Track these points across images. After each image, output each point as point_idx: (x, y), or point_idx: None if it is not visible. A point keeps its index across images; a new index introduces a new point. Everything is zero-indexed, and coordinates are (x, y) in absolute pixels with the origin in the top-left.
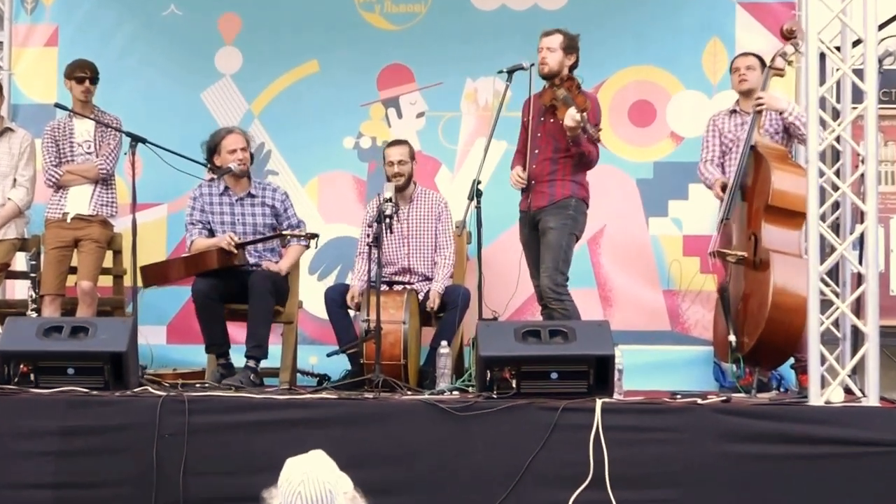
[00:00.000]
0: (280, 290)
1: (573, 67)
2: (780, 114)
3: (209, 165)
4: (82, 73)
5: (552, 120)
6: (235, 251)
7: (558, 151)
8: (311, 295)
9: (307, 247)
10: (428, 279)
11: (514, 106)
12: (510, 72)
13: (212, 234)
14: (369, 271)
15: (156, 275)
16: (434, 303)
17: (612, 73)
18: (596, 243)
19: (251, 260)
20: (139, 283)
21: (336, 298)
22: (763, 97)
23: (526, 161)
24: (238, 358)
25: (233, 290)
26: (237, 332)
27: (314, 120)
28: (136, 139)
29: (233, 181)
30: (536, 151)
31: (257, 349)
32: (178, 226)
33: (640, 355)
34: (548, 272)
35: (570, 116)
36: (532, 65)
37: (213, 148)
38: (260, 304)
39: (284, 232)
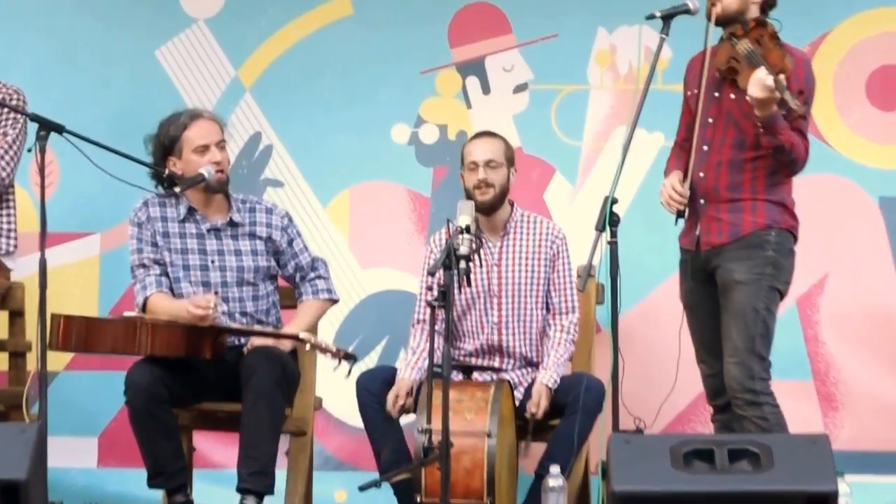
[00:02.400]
0: (288, 378)
1: (767, 6)
2: None
3: (161, 172)
4: None
5: (732, 95)
6: (214, 329)
7: (744, 148)
8: (335, 387)
9: (332, 301)
10: (531, 364)
11: (676, 74)
12: (667, 17)
13: (171, 289)
14: (432, 349)
15: (79, 334)
16: (539, 404)
17: (835, 23)
18: (811, 305)
19: (234, 325)
20: (52, 350)
21: (377, 393)
22: None
23: (688, 164)
24: (225, 490)
25: (205, 381)
26: (217, 445)
27: (343, 96)
28: (48, 127)
29: (202, 198)
30: (706, 148)
31: (258, 478)
32: (119, 270)
33: (883, 492)
34: (737, 356)
35: (758, 81)
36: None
37: (167, 144)
38: (260, 406)
39: (302, 336)
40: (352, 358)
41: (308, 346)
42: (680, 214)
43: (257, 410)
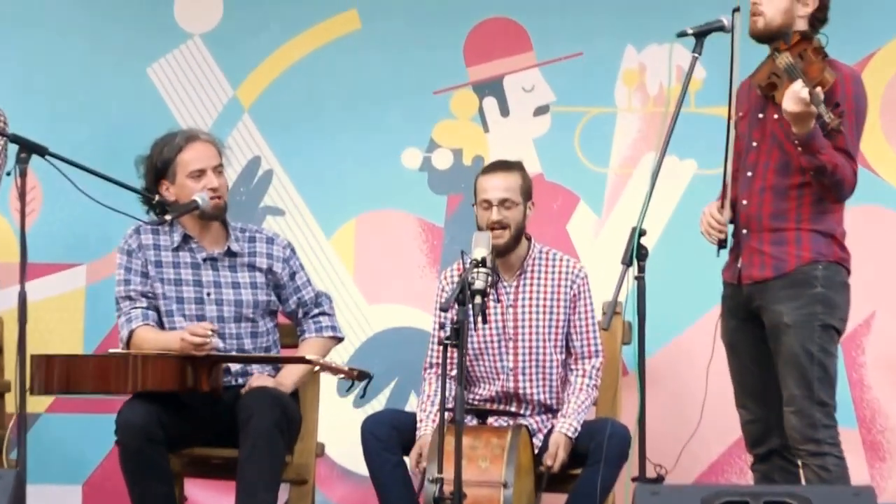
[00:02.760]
0: (289, 421)
1: (818, 21)
2: None
3: (152, 198)
4: None
5: (776, 115)
6: (211, 359)
7: (789, 173)
8: (339, 432)
9: (337, 340)
10: (550, 410)
11: (709, 96)
12: (700, 34)
13: (161, 323)
14: (443, 391)
15: (61, 375)
16: (556, 456)
17: (885, 41)
18: (856, 346)
19: (231, 364)
20: (33, 394)
21: (383, 438)
22: None
23: (726, 190)
24: None
25: (200, 422)
26: (211, 494)
27: (350, 118)
28: (29, 148)
29: (197, 227)
30: (750, 174)
31: None
32: (107, 303)
33: None
34: (795, 405)
35: (792, 94)
36: (735, 11)
37: (160, 167)
38: (259, 451)
39: (310, 358)
40: (366, 376)
41: (317, 368)
42: (721, 245)
43: (255, 456)
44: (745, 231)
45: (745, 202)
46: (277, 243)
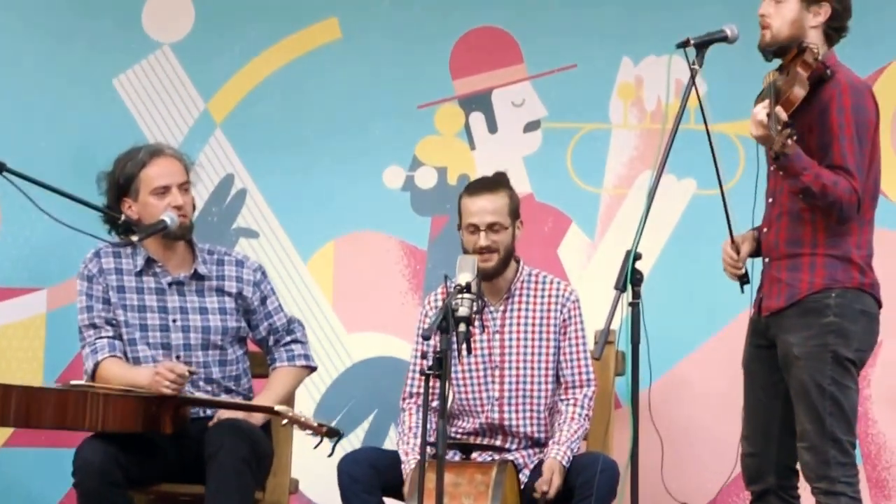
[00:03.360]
0: (260, 456)
1: (834, 31)
2: None
3: (118, 218)
4: None
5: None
6: (177, 400)
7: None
8: (314, 468)
9: (310, 369)
10: (538, 444)
11: (713, 112)
12: (702, 45)
13: (124, 352)
14: (424, 425)
15: (18, 407)
16: (551, 483)
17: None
18: (861, 378)
19: (198, 394)
20: None
21: (361, 479)
22: None
23: (729, 223)
24: None
25: (166, 457)
26: None
27: (329, 134)
28: None
29: (161, 249)
30: (770, 200)
31: None
32: (68, 330)
33: None
34: (807, 440)
35: (752, 117)
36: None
37: (122, 184)
38: (226, 488)
39: (278, 409)
40: (336, 434)
41: (284, 421)
42: (743, 280)
43: (222, 493)
44: (766, 260)
45: (765, 230)
46: (248, 266)
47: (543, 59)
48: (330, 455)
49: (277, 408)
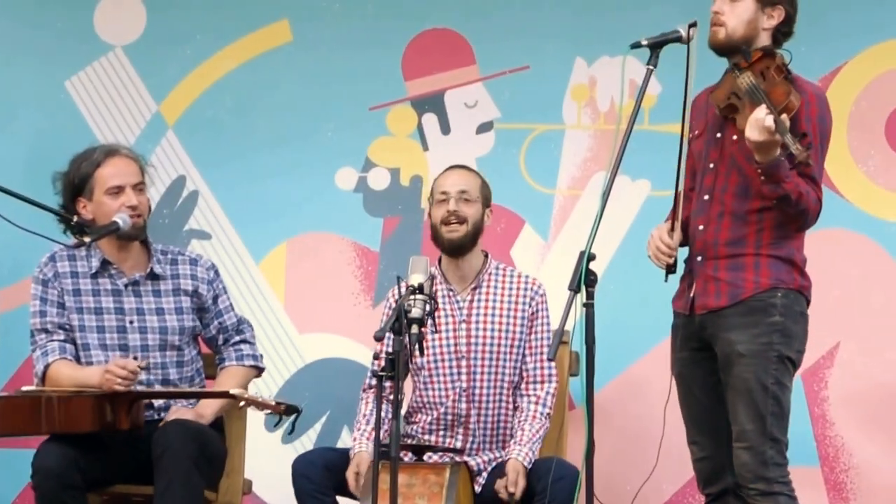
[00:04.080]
0: (210, 456)
1: (783, 35)
2: None
3: (70, 219)
4: None
5: (735, 136)
6: (131, 395)
7: (748, 197)
8: (267, 469)
9: (258, 370)
10: (499, 441)
11: (664, 113)
12: (655, 46)
13: (77, 357)
14: (378, 426)
15: None
16: (518, 482)
17: (852, 54)
18: (818, 380)
19: (152, 399)
20: None
21: (315, 480)
22: None
23: (677, 212)
24: None
25: (120, 459)
26: None
27: (281, 135)
28: None
29: (116, 249)
30: (707, 198)
31: None
32: (19, 334)
33: None
34: (746, 440)
35: (755, 122)
36: (691, 26)
37: (77, 184)
38: (174, 489)
39: (234, 392)
40: (294, 411)
41: (242, 404)
42: (670, 270)
43: (170, 493)
44: (699, 258)
45: (701, 227)
46: (201, 264)
47: (496, 60)
48: (290, 433)
49: (233, 391)
